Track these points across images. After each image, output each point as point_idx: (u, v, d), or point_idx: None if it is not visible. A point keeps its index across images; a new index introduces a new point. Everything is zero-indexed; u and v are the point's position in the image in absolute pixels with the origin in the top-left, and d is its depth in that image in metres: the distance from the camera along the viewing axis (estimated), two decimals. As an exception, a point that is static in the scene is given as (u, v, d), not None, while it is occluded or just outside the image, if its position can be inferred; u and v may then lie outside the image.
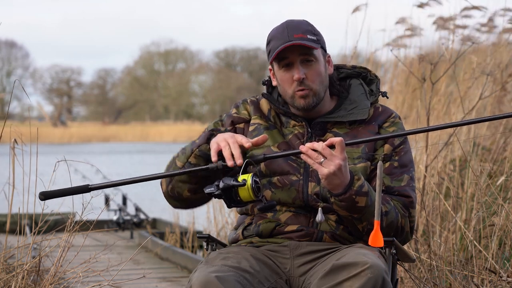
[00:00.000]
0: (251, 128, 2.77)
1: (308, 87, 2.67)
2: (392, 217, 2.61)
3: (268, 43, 2.71)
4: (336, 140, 2.48)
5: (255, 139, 2.56)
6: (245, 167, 2.52)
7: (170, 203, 2.80)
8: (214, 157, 2.55)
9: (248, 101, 2.84)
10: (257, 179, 2.49)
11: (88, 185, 2.64)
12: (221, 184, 2.48)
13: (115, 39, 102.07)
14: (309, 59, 2.66)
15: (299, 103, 2.69)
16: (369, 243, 2.42)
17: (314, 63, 2.67)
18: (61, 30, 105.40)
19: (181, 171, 2.60)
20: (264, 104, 2.82)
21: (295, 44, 2.63)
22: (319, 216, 2.61)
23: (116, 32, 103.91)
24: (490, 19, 6.29)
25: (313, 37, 2.67)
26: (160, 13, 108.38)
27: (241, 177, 2.48)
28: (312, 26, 2.71)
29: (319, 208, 2.62)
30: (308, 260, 2.62)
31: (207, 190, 2.50)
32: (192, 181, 2.67)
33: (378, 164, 2.44)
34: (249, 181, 2.46)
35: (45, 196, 2.61)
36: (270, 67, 2.77)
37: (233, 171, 2.54)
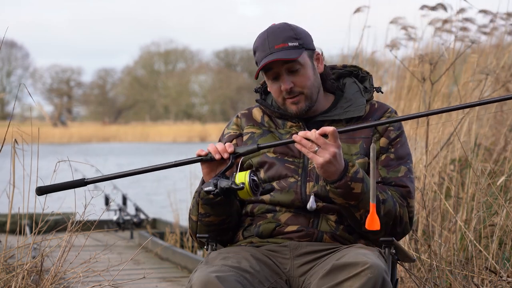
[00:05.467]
0: (245, 138, 2.78)
1: (298, 93, 2.67)
2: (390, 205, 2.60)
3: (254, 52, 2.71)
4: (328, 129, 2.48)
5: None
6: (240, 164, 2.55)
7: (197, 241, 2.82)
8: (202, 152, 2.57)
9: (239, 114, 2.86)
10: (255, 177, 2.49)
11: (84, 178, 2.64)
12: (219, 187, 2.48)
13: (122, 39, 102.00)
14: (294, 67, 2.65)
15: (291, 110, 2.70)
16: (366, 226, 2.43)
17: (301, 69, 2.66)
18: (63, 31, 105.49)
19: (175, 162, 2.59)
20: (257, 112, 2.83)
21: (275, 60, 2.61)
22: (310, 203, 2.61)
23: (122, 32, 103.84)
24: (492, 21, 6.29)
25: (294, 43, 2.65)
26: (166, 13, 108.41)
27: (238, 178, 2.47)
28: (293, 29, 2.68)
29: (312, 196, 2.62)
30: (308, 260, 2.62)
31: (205, 188, 2.51)
32: (211, 229, 2.70)
33: (371, 146, 2.45)
34: (247, 183, 2.46)
35: (42, 191, 2.61)
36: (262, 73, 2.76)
37: (228, 167, 2.54)
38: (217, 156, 2.55)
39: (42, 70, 58.00)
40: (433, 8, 5.90)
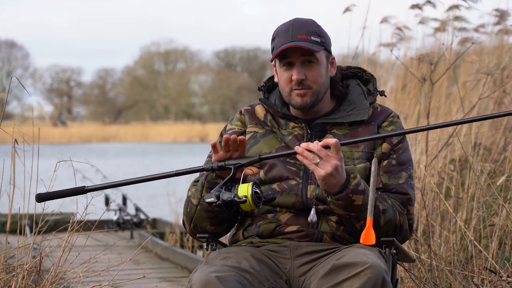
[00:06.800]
0: (247, 137, 2.78)
1: (307, 87, 2.68)
2: (390, 215, 2.61)
3: (273, 39, 2.72)
4: (331, 141, 2.49)
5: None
6: (243, 176, 2.54)
7: (197, 239, 2.79)
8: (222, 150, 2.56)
9: (242, 111, 2.86)
10: (257, 189, 2.50)
11: (85, 186, 2.64)
12: (221, 199, 2.48)
13: (122, 39, 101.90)
14: (310, 60, 2.67)
15: (295, 101, 2.70)
16: (361, 240, 2.43)
17: (315, 65, 2.68)
18: (63, 31, 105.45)
19: (176, 172, 2.60)
20: (260, 110, 2.83)
21: (296, 46, 2.63)
22: (311, 216, 2.62)
23: (122, 32, 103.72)
24: (499, 21, 6.28)
25: (317, 39, 2.67)
26: (166, 13, 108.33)
27: (240, 190, 2.48)
28: (319, 27, 2.71)
29: (313, 208, 2.63)
30: (308, 260, 2.62)
31: (207, 200, 2.51)
32: (210, 216, 2.68)
33: (373, 161, 2.45)
34: (249, 196, 2.47)
35: (41, 198, 2.62)
36: (273, 62, 2.77)
37: (230, 176, 2.53)
38: (232, 137, 2.53)
39: (42, 70, 58.04)
40: (418, 7, 5.89)
